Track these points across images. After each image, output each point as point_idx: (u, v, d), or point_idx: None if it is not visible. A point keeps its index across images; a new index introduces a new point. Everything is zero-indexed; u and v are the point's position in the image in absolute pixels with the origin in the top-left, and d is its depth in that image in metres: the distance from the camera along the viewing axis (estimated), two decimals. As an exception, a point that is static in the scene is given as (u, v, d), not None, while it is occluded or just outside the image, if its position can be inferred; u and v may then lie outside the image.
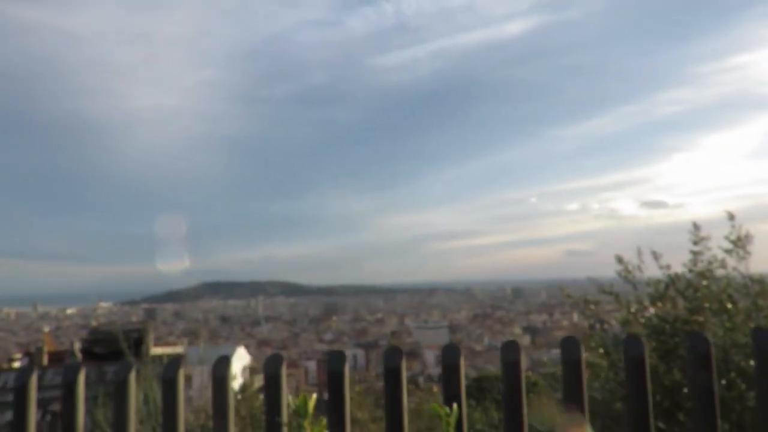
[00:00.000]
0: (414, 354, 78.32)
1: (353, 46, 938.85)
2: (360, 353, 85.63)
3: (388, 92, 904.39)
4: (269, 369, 1.95)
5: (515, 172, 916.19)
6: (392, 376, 1.96)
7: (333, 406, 1.98)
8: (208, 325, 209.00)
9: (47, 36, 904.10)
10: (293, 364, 67.95)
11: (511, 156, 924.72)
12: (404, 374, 2.01)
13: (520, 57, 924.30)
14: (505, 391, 1.94)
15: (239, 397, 10.12)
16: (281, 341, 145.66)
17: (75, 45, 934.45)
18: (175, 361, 1.95)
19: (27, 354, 19.37)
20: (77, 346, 9.78)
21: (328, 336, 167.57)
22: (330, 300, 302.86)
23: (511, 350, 2.00)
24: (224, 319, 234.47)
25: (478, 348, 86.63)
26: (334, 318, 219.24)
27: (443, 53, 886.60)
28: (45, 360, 10.70)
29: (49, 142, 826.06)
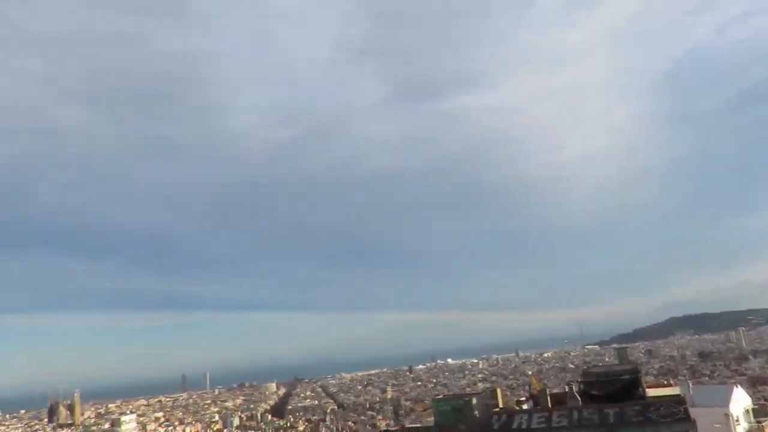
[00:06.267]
0: None
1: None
2: None
3: None
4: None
5: None
6: None
7: None
8: (686, 363, 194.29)
9: (481, 115, 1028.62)
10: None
11: None
12: None
13: None
14: None
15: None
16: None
17: (506, 119, 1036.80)
18: None
19: (531, 396, 21.57)
20: (575, 388, 10.38)
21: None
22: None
23: None
24: (702, 355, 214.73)
25: None
26: None
27: None
28: (549, 402, 11.65)
29: (497, 206, 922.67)
